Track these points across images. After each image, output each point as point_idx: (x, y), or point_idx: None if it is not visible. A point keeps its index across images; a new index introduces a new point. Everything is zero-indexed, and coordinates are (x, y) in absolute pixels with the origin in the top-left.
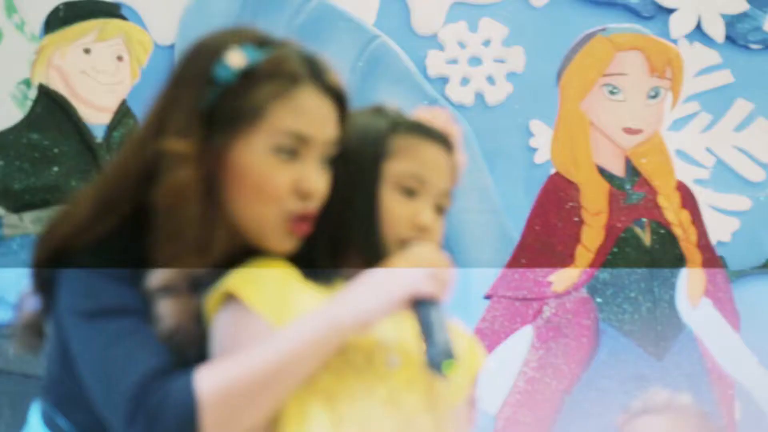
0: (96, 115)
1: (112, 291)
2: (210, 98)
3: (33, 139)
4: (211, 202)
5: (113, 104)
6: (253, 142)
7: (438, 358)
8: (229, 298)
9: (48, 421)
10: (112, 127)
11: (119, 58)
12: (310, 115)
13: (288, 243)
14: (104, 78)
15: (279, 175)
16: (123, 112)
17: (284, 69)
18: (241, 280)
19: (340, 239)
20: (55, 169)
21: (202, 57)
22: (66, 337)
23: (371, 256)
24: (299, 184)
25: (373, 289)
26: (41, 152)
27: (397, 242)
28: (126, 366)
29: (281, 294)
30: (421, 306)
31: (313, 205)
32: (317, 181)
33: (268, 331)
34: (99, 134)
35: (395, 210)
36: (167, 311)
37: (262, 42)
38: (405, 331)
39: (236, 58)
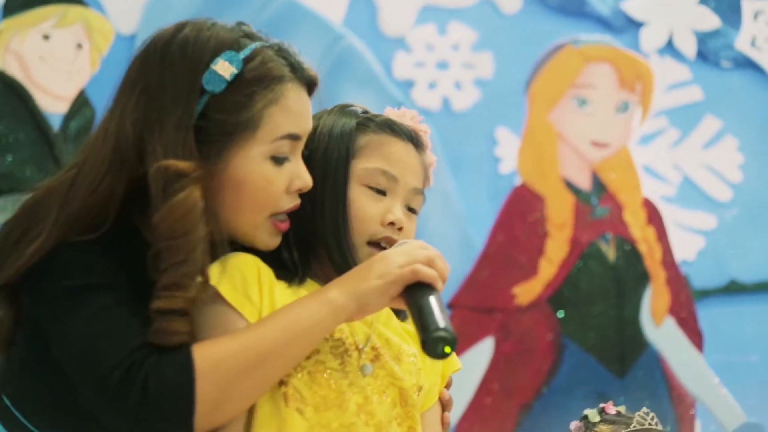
0: (53, 104)
1: (102, 267)
2: (199, 109)
3: None
4: (212, 221)
5: (71, 93)
6: (249, 152)
7: (437, 339)
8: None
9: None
10: (69, 116)
11: (79, 46)
12: (298, 114)
13: (275, 240)
14: (63, 66)
15: (277, 180)
16: (81, 101)
17: (271, 73)
18: (218, 273)
19: (310, 239)
20: (10, 158)
21: (181, 59)
22: (47, 320)
23: (340, 254)
24: (292, 183)
25: (371, 274)
26: None
27: (366, 240)
28: (118, 336)
29: (255, 288)
30: (418, 292)
31: (297, 200)
32: (308, 177)
33: (243, 323)
34: (56, 123)
35: (364, 209)
36: (172, 329)
37: (235, 41)
38: (378, 338)
39: (224, 67)
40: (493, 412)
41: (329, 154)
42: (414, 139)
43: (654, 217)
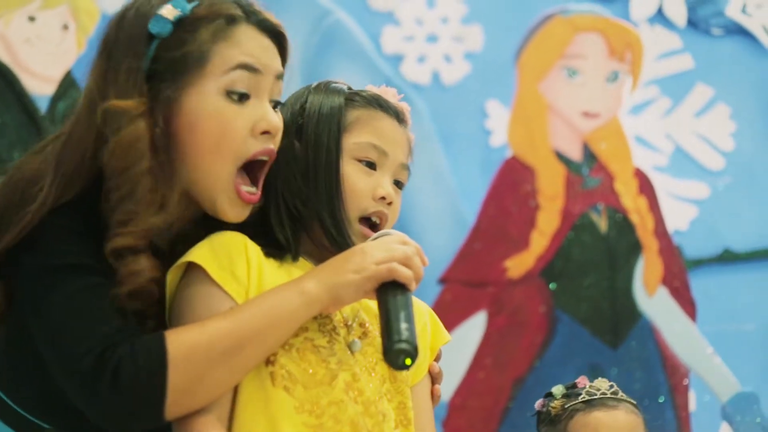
0: (40, 86)
1: (80, 249)
2: (150, 54)
3: None
4: (165, 159)
5: (58, 74)
6: (203, 89)
7: (398, 351)
8: (193, 268)
9: None
10: (56, 98)
11: (65, 27)
12: (253, 50)
13: (239, 212)
14: (49, 47)
15: (235, 117)
16: (68, 82)
17: (218, 11)
18: (204, 251)
19: (303, 213)
20: None
21: (134, 17)
22: (26, 300)
23: (336, 229)
24: (257, 123)
25: (348, 267)
26: None
27: (358, 214)
28: (94, 318)
29: (243, 267)
30: (390, 292)
31: (272, 145)
32: (274, 118)
33: (228, 302)
34: (43, 105)
35: (357, 183)
36: (132, 269)
37: None
38: (367, 314)
39: (169, 10)
40: (486, 387)
41: (320, 131)
42: (399, 115)
43: (645, 186)
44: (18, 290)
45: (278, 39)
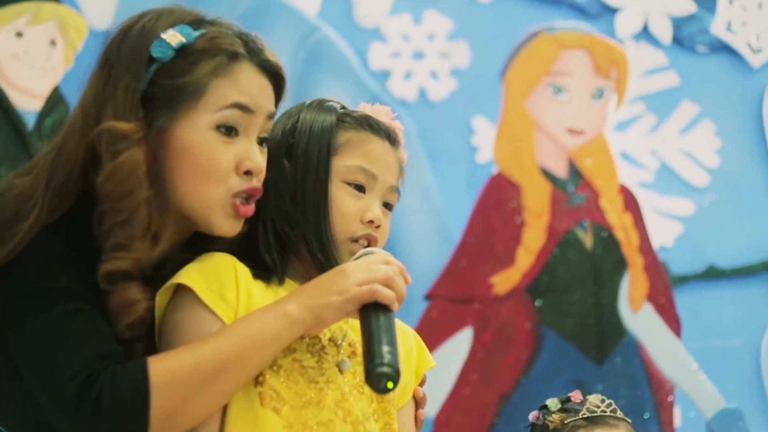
0: (27, 101)
1: (65, 274)
2: (148, 77)
3: None
4: (157, 185)
5: (45, 90)
6: (195, 120)
7: (380, 375)
8: (181, 290)
9: None
10: (43, 113)
11: (53, 43)
12: (249, 90)
13: (233, 224)
14: (37, 63)
15: (222, 152)
16: (55, 98)
17: (221, 46)
18: (193, 273)
19: (290, 236)
20: None
21: (138, 35)
22: (9, 322)
23: (323, 251)
24: (242, 162)
25: (330, 289)
26: None
27: (346, 238)
28: (78, 343)
29: (232, 288)
30: (372, 313)
31: (256, 183)
32: (258, 159)
33: (217, 323)
34: (30, 121)
35: (345, 207)
36: (127, 299)
37: (195, 21)
38: (355, 333)
39: (173, 36)
40: (472, 403)
41: (310, 151)
42: (390, 136)
43: (631, 203)
44: (1, 311)
45: (276, 80)
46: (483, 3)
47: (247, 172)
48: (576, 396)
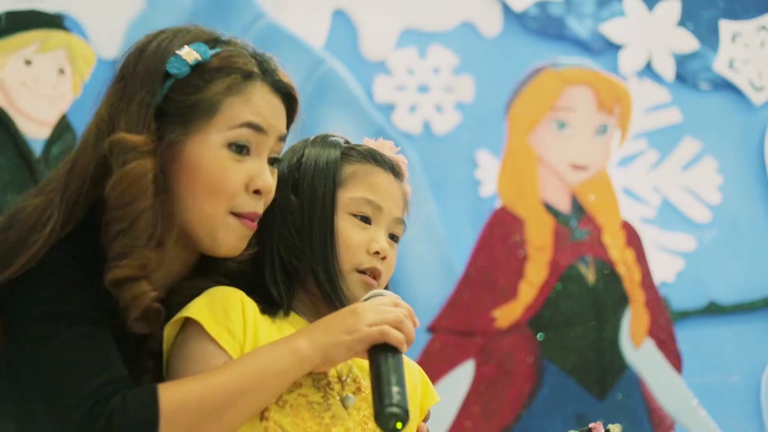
0: (35, 129)
1: (77, 297)
2: (163, 93)
3: None
4: (164, 197)
5: (53, 118)
6: (207, 137)
7: (390, 415)
8: (190, 324)
9: None
10: (51, 141)
11: (61, 71)
12: (262, 110)
13: (238, 241)
14: (45, 91)
15: (233, 170)
16: (63, 126)
17: (236, 64)
18: (201, 306)
19: (297, 268)
20: None
21: (154, 52)
22: (20, 345)
23: (330, 283)
24: (252, 181)
25: (340, 328)
26: None
27: (352, 268)
28: (88, 369)
29: (239, 323)
30: (382, 354)
31: (263, 204)
32: (268, 178)
33: (224, 357)
34: (37, 149)
35: (351, 238)
36: (134, 293)
37: (211, 40)
38: (360, 370)
39: (189, 53)
40: None
41: (316, 185)
42: (395, 169)
43: (633, 239)
44: (11, 330)
45: (289, 101)
46: (488, 38)
47: (257, 192)
48: (597, 428)
